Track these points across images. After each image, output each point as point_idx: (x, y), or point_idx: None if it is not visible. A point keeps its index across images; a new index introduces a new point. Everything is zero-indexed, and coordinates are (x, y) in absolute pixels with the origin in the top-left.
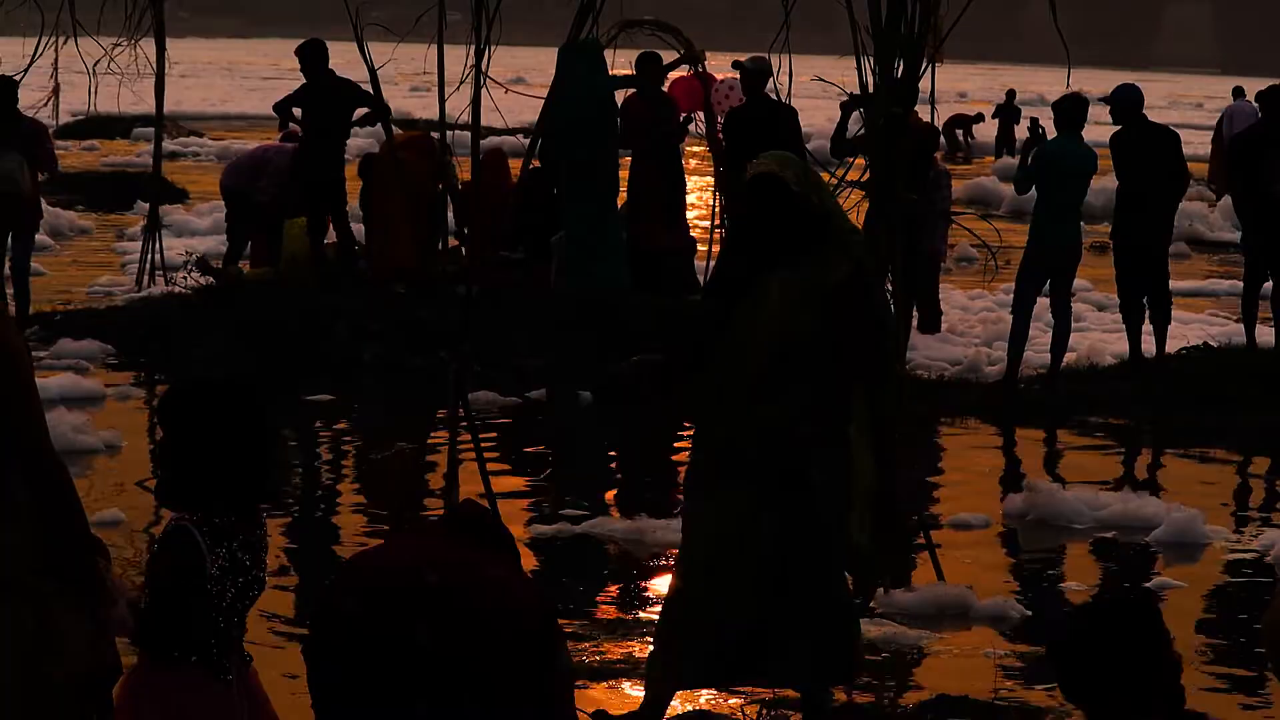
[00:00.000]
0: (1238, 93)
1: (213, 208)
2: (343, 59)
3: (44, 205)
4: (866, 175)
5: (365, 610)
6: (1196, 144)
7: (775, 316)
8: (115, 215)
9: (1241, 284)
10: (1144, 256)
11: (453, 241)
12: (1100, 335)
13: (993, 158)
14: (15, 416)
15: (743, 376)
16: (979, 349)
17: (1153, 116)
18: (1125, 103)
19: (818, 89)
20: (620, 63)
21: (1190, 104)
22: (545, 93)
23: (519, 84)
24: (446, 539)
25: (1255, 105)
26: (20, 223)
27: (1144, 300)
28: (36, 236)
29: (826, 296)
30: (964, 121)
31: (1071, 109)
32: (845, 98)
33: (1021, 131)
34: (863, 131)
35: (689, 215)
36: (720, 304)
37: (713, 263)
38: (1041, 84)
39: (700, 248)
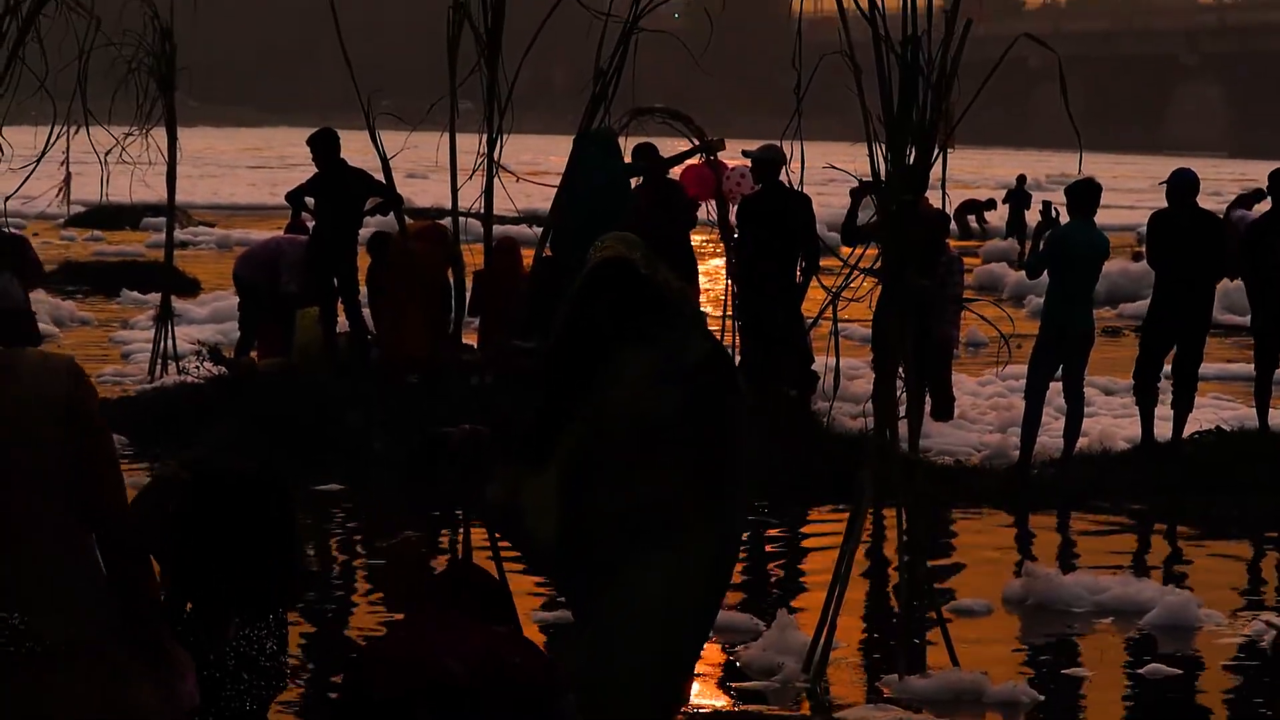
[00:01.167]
0: (1242, 201)
1: (215, 296)
2: (354, 147)
3: (46, 295)
4: (878, 262)
5: (395, 702)
6: None
7: (631, 399)
8: (116, 306)
9: (1253, 367)
10: (1181, 340)
11: (469, 337)
12: (1111, 420)
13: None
14: (100, 485)
15: (598, 462)
16: (1003, 435)
17: (1164, 201)
18: (1182, 187)
19: (829, 175)
20: (633, 151)
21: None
22: (557, 181)
23: (530, 172)
24: (459, 616)
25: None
26: (18, 335)
27: (1158, 385)
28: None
29: (686, 376)
30: (976, 206)
31: (1084, 194)
32: (855, 185)
33: (1033, 216)
34: (874, 218)
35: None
36: (567, 388)
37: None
38: (1053, 168)
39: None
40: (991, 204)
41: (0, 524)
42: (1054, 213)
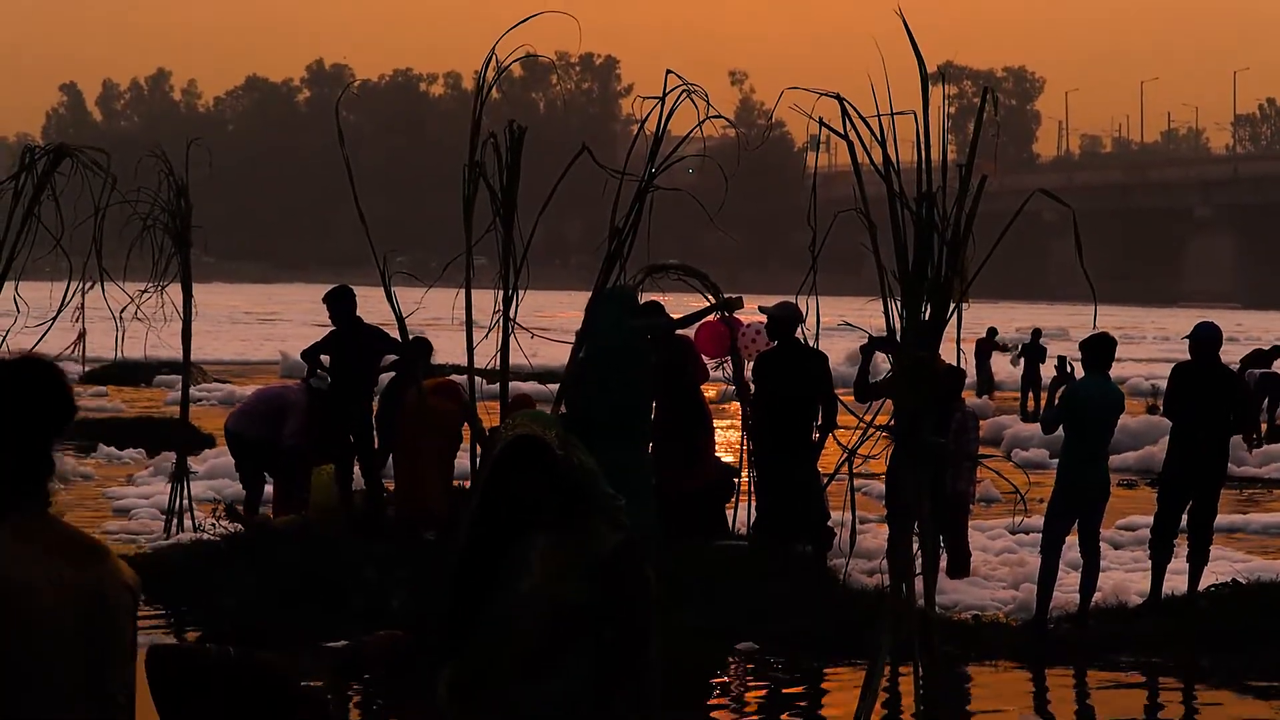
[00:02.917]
0: (1257, 358)
1: (219, 453)
2: (370, 304)
3: None
4: (892, 419)
5: None
6: None
7: (541, 587)
8: (119, 463)
9: (1262, 518)
10: (1198, 494)
11: None
12: (1123, 574)
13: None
14: (111, 667)
15: (509, 654)
16: (1017, 591)
17: (1177, 354)
18: (1206, 341)
19: (844, 329)
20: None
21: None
22: (573, 338)
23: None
24: None
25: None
26: None
27: (1175, 541)
28: None
29: (596, 566)
30: (989, 347)
31: (1099, 349)
32: (874, 338)
33: (1048, 370)
34: (889, 374)
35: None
36: (475, 577)
37: (742, 505)
38: (1067, 321)
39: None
40: (993, 331)
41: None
42: (1069, 367)
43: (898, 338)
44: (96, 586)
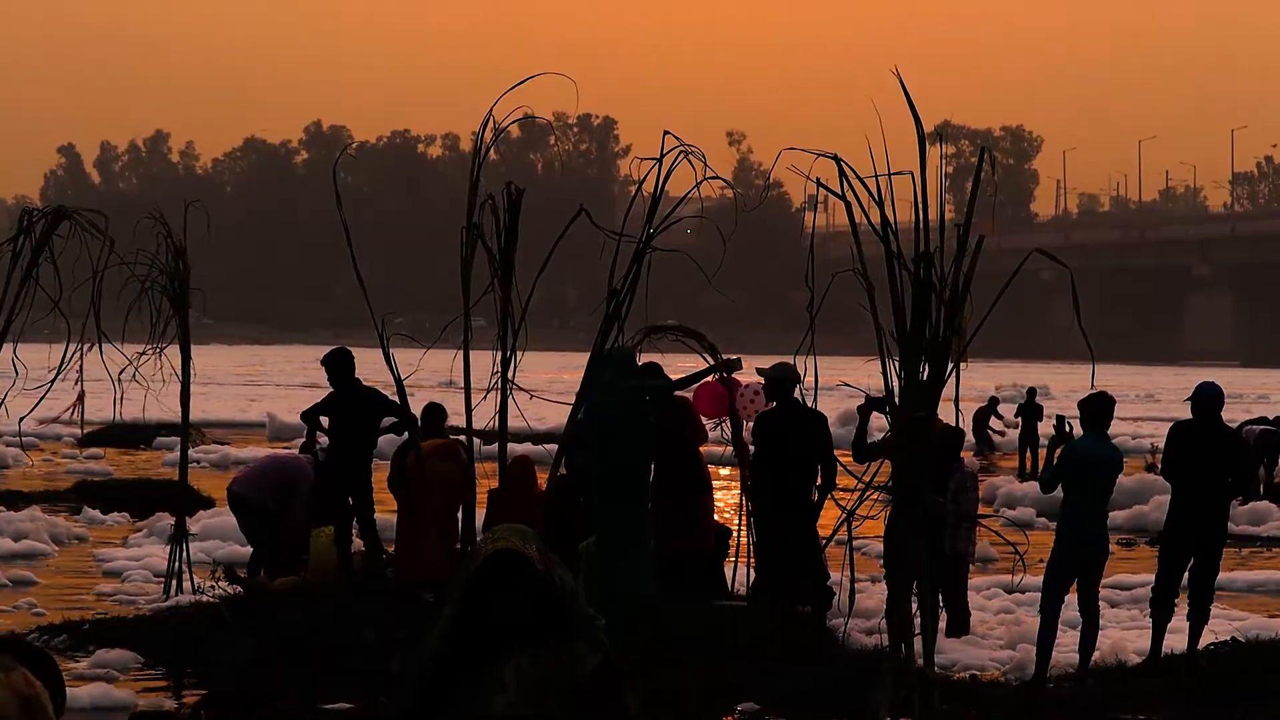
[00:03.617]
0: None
1: (213, 514)
2: (369, 365)
3: (39, 512)
4: (890, 479)
5: None
6: None
7: (517, 706)
8: (112, 524)
9: (1261, 576)
10: (1199, 554)
11: None
12: (1120, 632)
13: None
14: None
15: None
16: (1015, 651)
17: (1177, 413)
18: (1207, 400)
19: (843, 389)
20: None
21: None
22: (570, 399)
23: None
24: None
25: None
26: None
27: (1175, 601)
28: (31, 543)
29: (575, 689)
30: (987, 413)
31: (1098, 408)
32: (871, 398)
33: (1045, 429)
34: (887, 434)
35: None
36: (449, 690)
37: (744, 567)
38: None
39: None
40: (995, 401)
41: None
42: (1067, 427)
43: (895, 398)
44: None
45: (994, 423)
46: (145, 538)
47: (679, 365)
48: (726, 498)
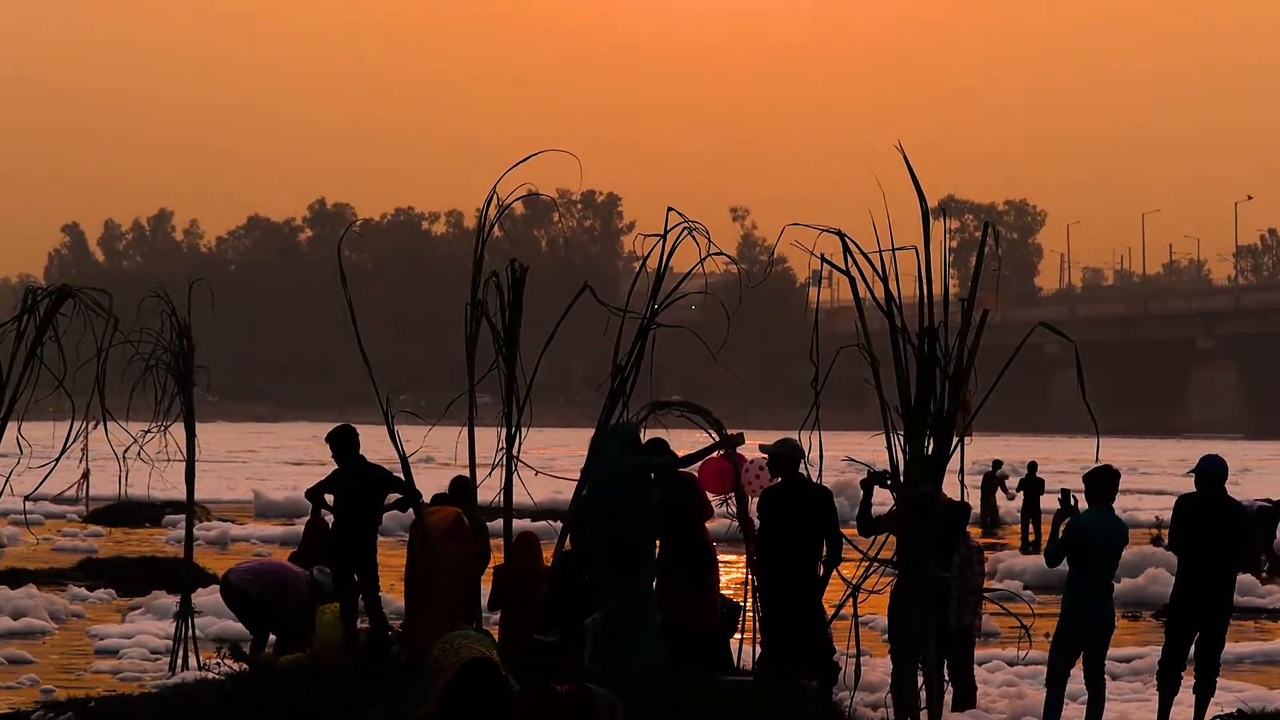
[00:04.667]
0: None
1: (212, 590)
2: (374, 443)
3: (35, 589)
4: (894, 553)
5: None
6: None
7: None
8: (110, 603)
9: (1266, 648)
10: (1205, 626)
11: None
12: (1121, 704)
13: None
14: None
15: None
16: None
17: (1181, 486)
18: (1211, 473)
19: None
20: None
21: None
22: (576, 474)
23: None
24: None
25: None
26: None
27: (1182, 674)
28: (30, 620)
29: None
30: (994, 481)
31: (1102, 481)
32: (874, 473)
33: (1048, 502)
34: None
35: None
36: None
37: (748, 640)
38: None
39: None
40: (998, 464)
41: None
42: (1072, 500)
43: (900, 472)
44: None
45: (999, 496)
46: (142, 615)
47: (684, 441)
48: (733, 573)
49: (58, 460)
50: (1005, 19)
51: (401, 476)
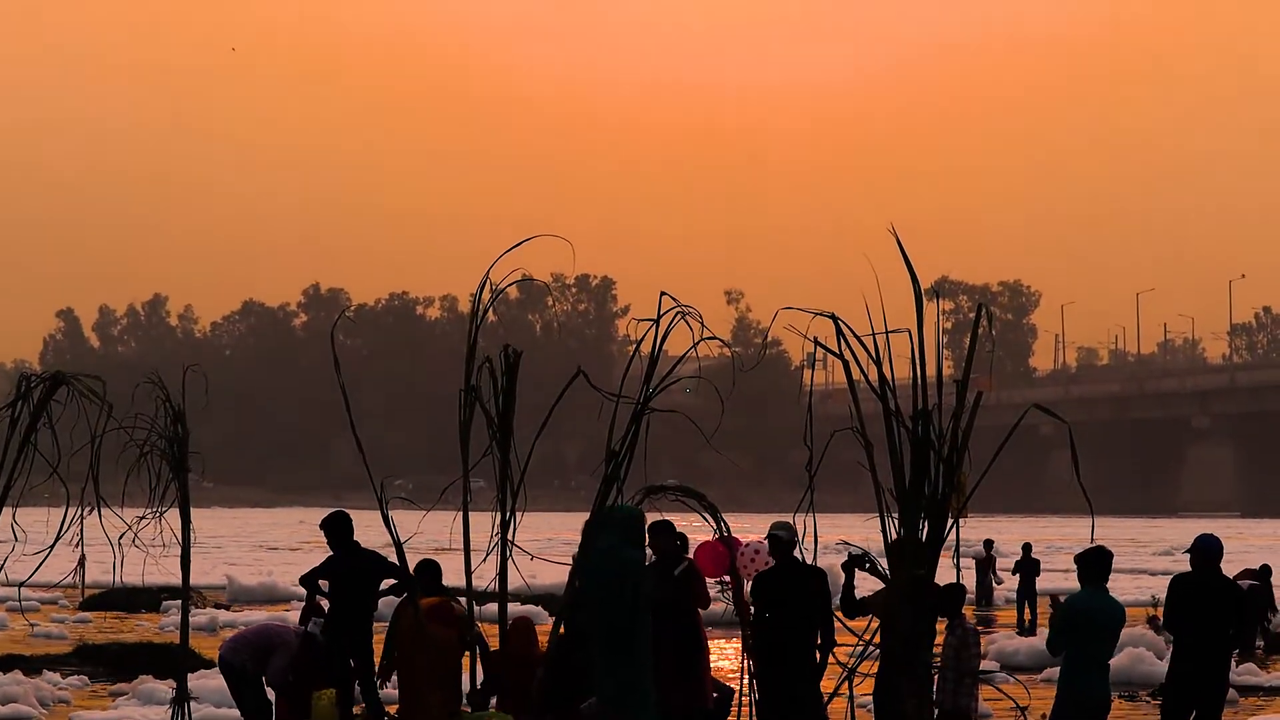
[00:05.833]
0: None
1: (200, 675)
2: (368, 528)
3: (21, 675)
4: (877, 635)
5: None
6: None
7: None
8: (99, 688)
9: None
10: (1201, 706)
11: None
12: None
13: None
14: None
15: None
16: None
17: (1177, 568)
18: (1206, 552)
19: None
20: (650, 528)
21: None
22: (570, 559)
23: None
24: None
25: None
26: None
27: None
28: (18, 706)
29: None
30: (988, 562)
31: (1095, 563)
32: (854, 555)
33: (1043, 583)
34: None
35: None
36: None
37: None
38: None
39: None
40: (989, 544)
41: None
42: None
43: (882, 554)
44: None
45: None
46: (128, 700)
47: (679, 525)
48: (730, 654)
49: (52, 547)
50: (998, 101)
51: (396, 562)
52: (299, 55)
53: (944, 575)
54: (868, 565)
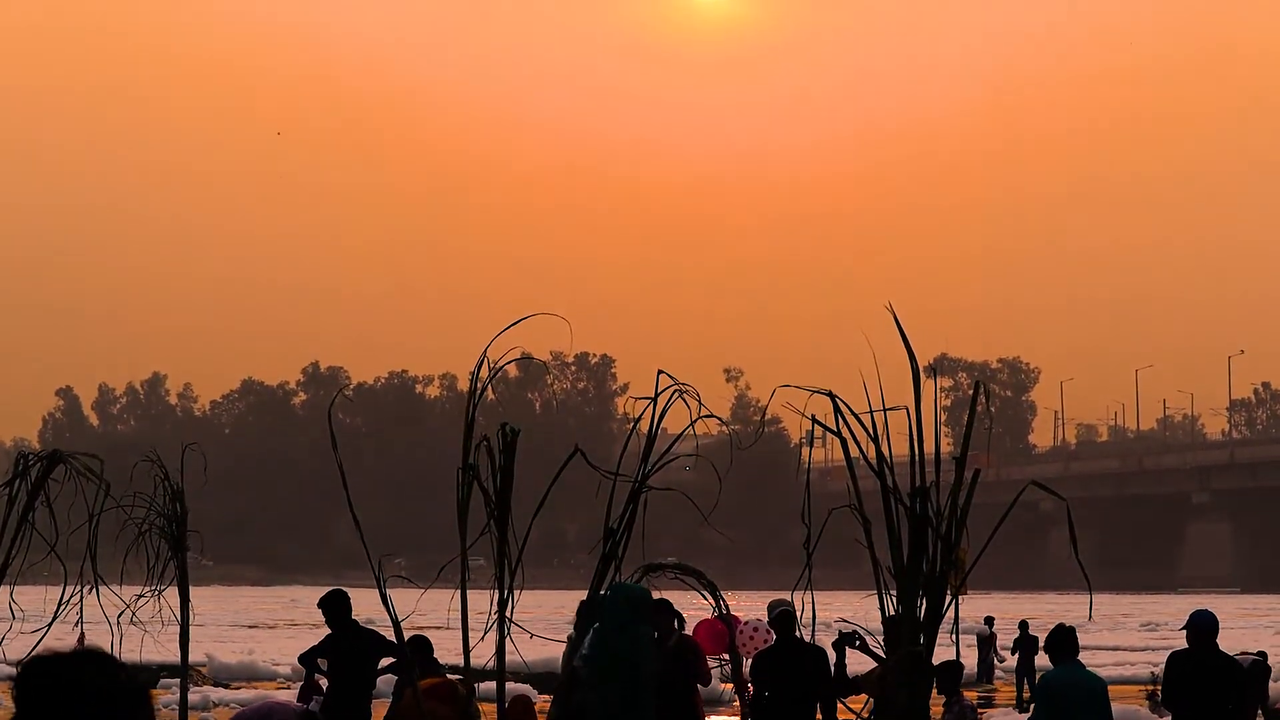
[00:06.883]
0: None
1: None
2: (366, 606)
3: None
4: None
5: None
6: None
7: None
8: None
9: None
10: None
11: None
12: None
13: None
14: None
15: None
16: None
17: (1176, 641)
18: (1202, 629)
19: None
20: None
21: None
22: (566, 637)
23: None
24: None
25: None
26: None
27: None
28: None
29: None
30: (988, 641)
31: (1058, 640)
32: (844, 634)
33: (1043, 661)
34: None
35: None
36: None
37: None
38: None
39: None
40: (990, 620)
41: None
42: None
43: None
44: None
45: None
46: None
47: (677, 603)
48: None
49: (50, 624)
50: (994, 179)
51: (394, 640)
52: (295, 139)
53: (943, 653)
54: (858, 644)
